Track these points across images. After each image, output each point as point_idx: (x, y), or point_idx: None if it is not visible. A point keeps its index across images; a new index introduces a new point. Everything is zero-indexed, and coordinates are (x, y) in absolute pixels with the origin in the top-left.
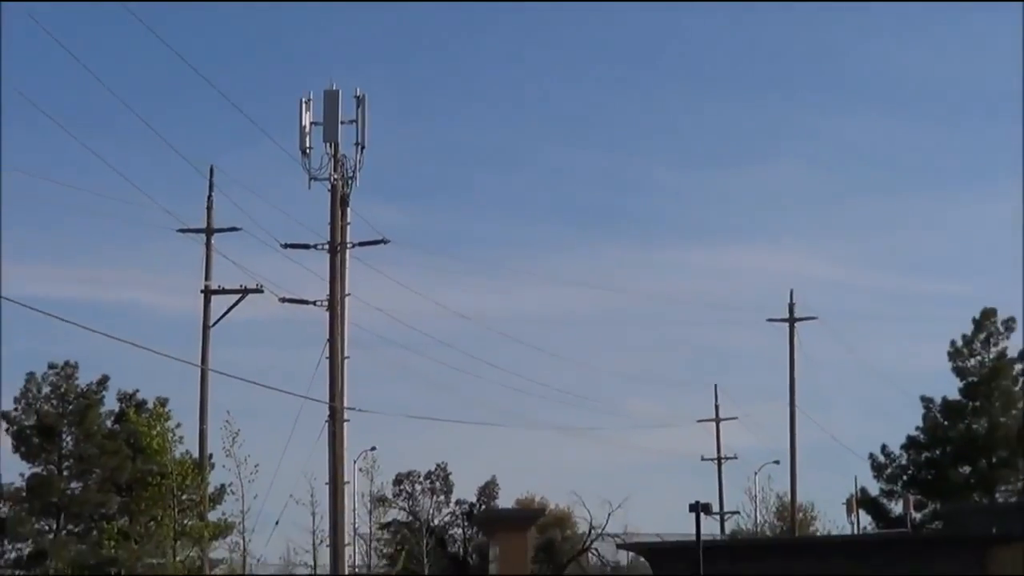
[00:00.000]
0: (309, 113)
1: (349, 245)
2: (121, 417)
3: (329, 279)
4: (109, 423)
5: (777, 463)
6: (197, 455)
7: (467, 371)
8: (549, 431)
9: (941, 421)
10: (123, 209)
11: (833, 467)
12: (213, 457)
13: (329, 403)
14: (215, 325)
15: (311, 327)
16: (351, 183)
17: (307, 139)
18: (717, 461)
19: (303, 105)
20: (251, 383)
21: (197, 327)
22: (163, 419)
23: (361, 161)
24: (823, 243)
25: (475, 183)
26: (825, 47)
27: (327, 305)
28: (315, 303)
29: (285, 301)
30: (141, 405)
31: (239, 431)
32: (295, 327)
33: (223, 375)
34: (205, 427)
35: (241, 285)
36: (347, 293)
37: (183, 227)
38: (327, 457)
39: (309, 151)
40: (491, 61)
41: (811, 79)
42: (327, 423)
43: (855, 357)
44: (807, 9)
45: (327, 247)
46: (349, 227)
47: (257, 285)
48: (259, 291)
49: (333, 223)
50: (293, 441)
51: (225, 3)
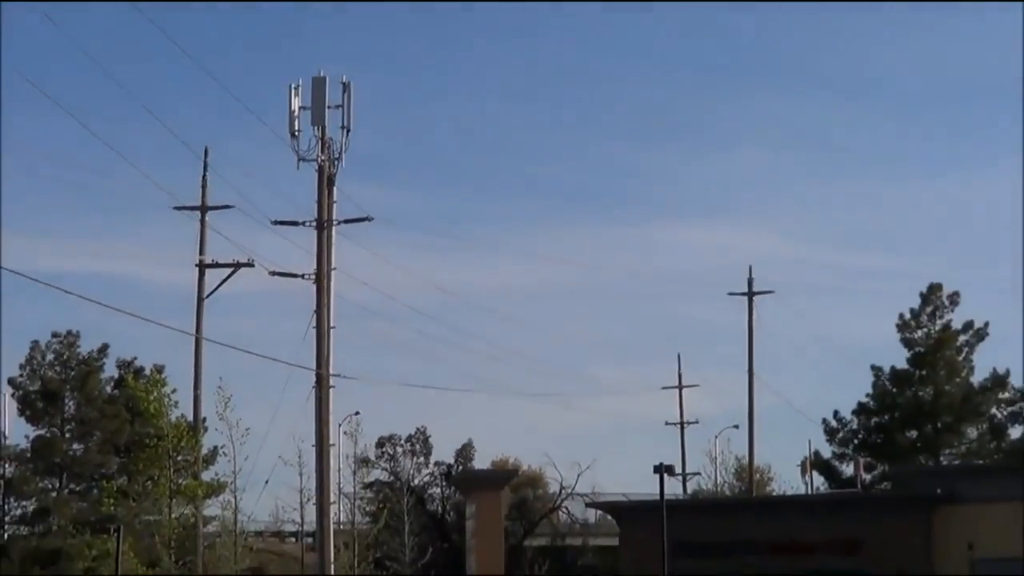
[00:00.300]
0: (298, 98)
1: (335, 222)
2: (120, 383)
3: (316, 254)
4: (109, 388)
5: (736, 427)
6: (191, 419)
7: (446, 341)
8: (522, 397)
9: (890, 389)
10: (122, 188)
11: (788, 431)
12: (206, 421)
13: (316, 370)
14: (209, 297)
15: (299, 299)
16: (337, 164)
17: (296, 123)
18: (680, 426)
19: (292, 91)
20: (242, 351)
21: (192, 299)
22: (160, 385)
23: (346, 143)
24: (781, 222)
25: (455, 164)
26: (785, 40)
27: (314, 278)
28: (303, 276)
29: (275, 274)
30: (139, 372)
31: (231, 396)
32: (284, 299)
33: (216, 344)
34: (199, 392)
35: (233, 259)
36: (333, 267)
37: (179, 205)
38: (314, 421)
39: (298, 134)
40: (468, 49)
41: (771, 68)
42: (314, 389)
43: (810, 329)
44: (769, 7)
45: (314, 224)
46: (335, 205)
47: (249, 259)
48: (250, 265)
49: (320, 201)
50: (282, 406)
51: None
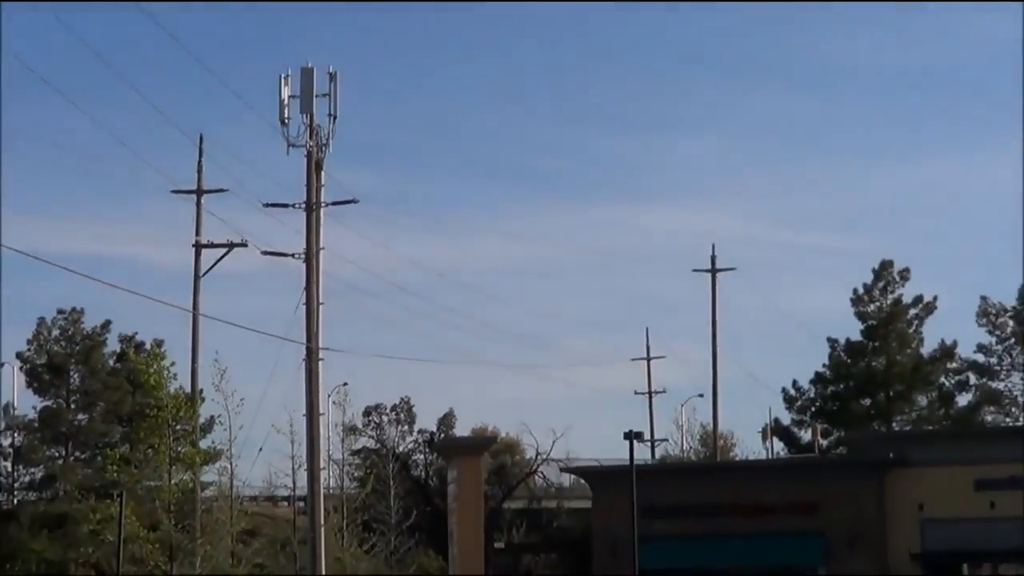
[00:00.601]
0: (287, 88)
1: (323, 204)
2: (122, 357)
3: (306, 234)
4: (112, 362)
5: (701, 396)
6: (189, 390)
7: (428, 316)
8: (500, 369)
9: (844, 359)
10: (122, 174)
11: (750, 400)
12: (203, 392)
13: (306, 344)
14: (205, 275)
15: (290, 277)
16: (325, 150)
17: (286, 111)
18: (648, 395)
19: (282, 81)
20: (237, 326)
21: (189, 277)
22: (159, 358)
23: (333, 130)
24: (741, 205)
25: (435, 150)
26: (745, 35)
27: (304, 257)
28: (293, 256)
29: (267, 254)
30: (140, 346)
31: (226, 369)
32: (276, 277)
33: (212, 319)
34: (196, 365)
35: (228, 240)
36: (321, 247)
37: (176, 189)
38: (304, 391)
39: (288, 122)
40: (450, 43)
41: (731, 62)
42: (304, 362)
43: (769, 303)
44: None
45: (304, 206)
46: (323, 188)
47: (242, 240)
48: (244, 245)
49: (309, 185)
50: (274, 378)
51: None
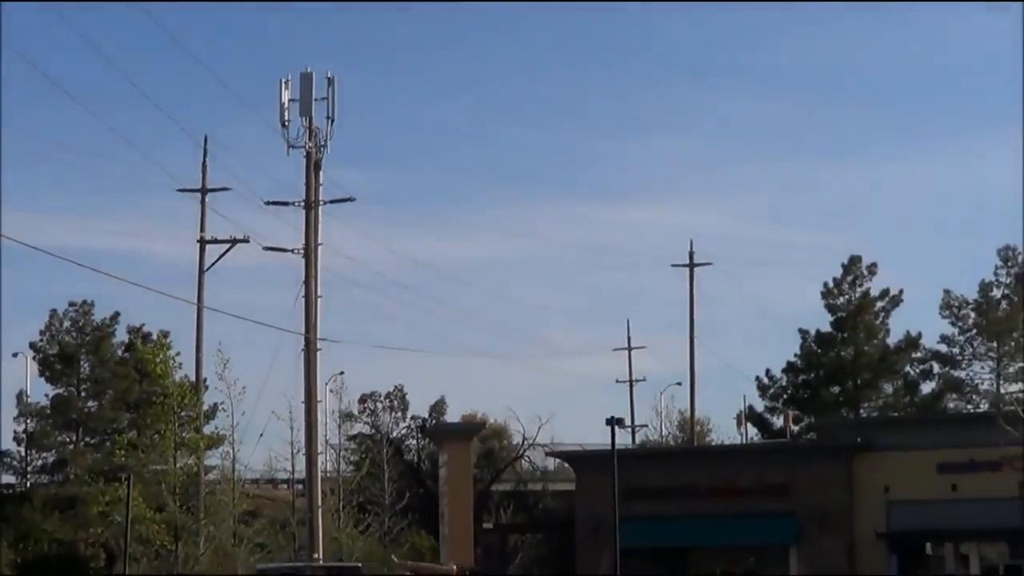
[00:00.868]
0: (288, 92)
1: (321, 202)
2: (130, 347)
3: (304, 231)
4: (120, 352)
5: (679, 384)
6: (194, 379)
7: (420, 308)
8: (489, 358)
9: (815, 349)
10: (129, 172)
11: (725, 388)
12: (207, 380)
13: (304, 335)
14: (208, 270)
15: (289, 271)
16: (323, 150)
17: (286, 114)
18: (629, 383)
19: (283, 85)
20: (239, 318)
21: (193, 272)
22: (165, 348)
23: (331, 132)
24: (718, 202)
25: (427, 150)
26: (718, 42)
27: (303, 253)
28: (293, 251)
29: (268, 249)
30: (147, 337)
31: (229, 359)
32: (276, 272)
33: (215, 311)
34: (200, 355)
35: (231, 236)
36: (320, 243)
37: (182, 187)
38: (302, 380)
39: (288, 124)
40: (442, 47)
41: (708, 66)
42: (303, 352)
43: (744, 296)
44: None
45: (303, 204)
46: (321, 187)
47: (244, 236)
48: (246, 241)
49: (308, 184)
50: (274, 367)
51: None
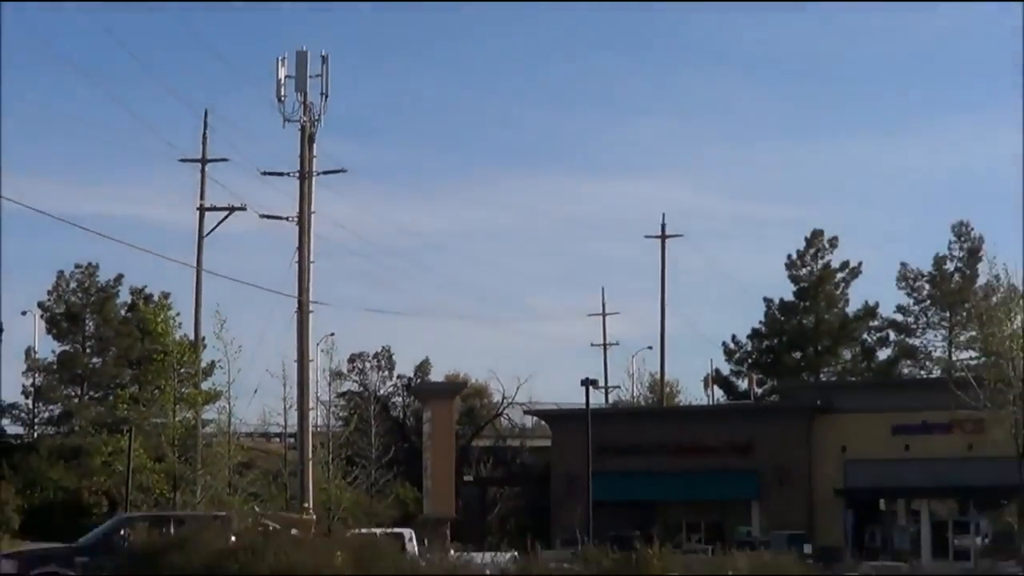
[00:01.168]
0: (284, 69)
1: (315, 173)
2: (132, 307)
3: (299, 200)
4: (123, 312)
5: (650, 348)
6: (193, 337)
7: (407, 274)
8: (472, 322)
9: (778, 317)
10: (133, 143)
11: (694, 352)
12: (205, 339)
13: (298, 298)
14: (207, 236)
15: (284, 238)
16: (317, 124)
17: (282, 90)
18: (603, 347)
19: (279, 63)
20: (236, 281)
21: (193, 238)
22: (166, 309)
23: (325, 107)
24: (689, 178)
25: (416, 126)
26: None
27: (297, 221)
28: (287, 219)
29: (264, 217)
30: (149, 298)
31: (226, 319)
32: (271, 238)
33: (213, 275)
34: (199, 316)
35: (229, 204)
36: (313, 211)
37: (183, 157)
38: (295, 340)
39: (284, 99)
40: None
41: (680, 47)
42: (296, 314)
43: (713, 266)
44: None
45: (297, 175)
46: (315, 159)
47: (242, 204)
48: (243, 209)
49: (302, 156)
50: (269, 328)
51: None
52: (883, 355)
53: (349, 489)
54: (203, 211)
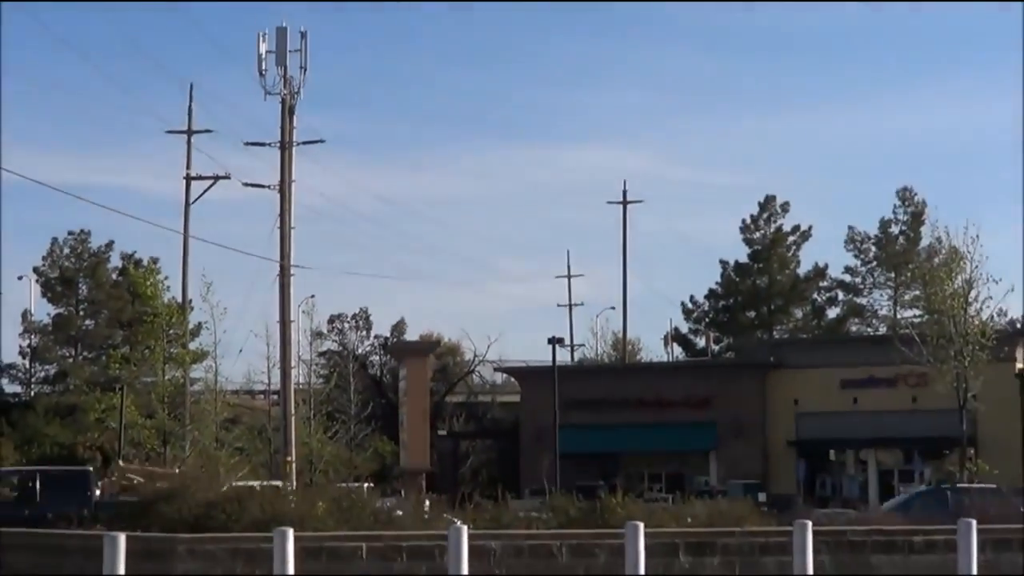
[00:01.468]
0: (265, 44)
1: (295, 144)
2: (123, 272)
3: (280, 169)
4: (114, 276)
5: (613, 309)
6: (181, 300)
7: (383, 239)
8: (445, 284)
9: (734, 278)
10: (123, 115)
11: (654, 311)
12: (192, 302)
13: (280, 262)
14: (194, 204)
15: (266, 206)
16: (297, 97)
17: (263, 64)
18: (568, 307)
19: (260, 38)
20: (221, 247)
21: (180, 205)
22: (155, 273)
23: (304, 80)
24: (650, 147)
25: (392, 96)
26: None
27: (278, 189)
28: (269, 187)
29: (247, 185)
30: (138, 263)
31: (211, 283)
32: (254, 205)
33: (200, 240)
34: (186, 280)
35: (213, 173)
36: (293, 180)
37: (170, 130)
38: (278, 302)
39: (265, 73)
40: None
41: (640, 19)
42: (278, 277)
43: (672, 230)
44: None
45: (278, 145)
46: (295, 130)
47: (226, 174)
48: (227, 178)
49: (283, 127)
50: (252, 291)
51: None
52: (832, 314)
53: (330, 443)
54: (189, 180)
